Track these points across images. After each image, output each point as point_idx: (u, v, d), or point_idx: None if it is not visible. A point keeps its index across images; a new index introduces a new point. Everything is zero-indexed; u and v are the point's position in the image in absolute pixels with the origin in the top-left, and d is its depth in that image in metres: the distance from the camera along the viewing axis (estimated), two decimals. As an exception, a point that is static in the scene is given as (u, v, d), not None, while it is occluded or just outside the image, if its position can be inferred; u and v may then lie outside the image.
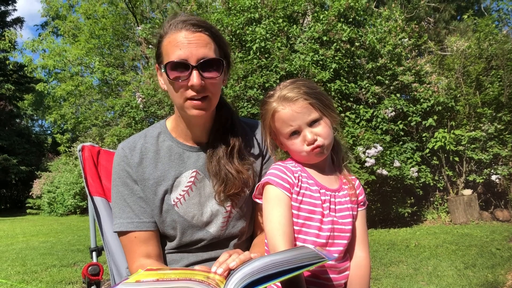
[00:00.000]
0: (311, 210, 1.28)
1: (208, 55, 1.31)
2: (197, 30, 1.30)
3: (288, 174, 1.31)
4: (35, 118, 36.20)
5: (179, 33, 1.30)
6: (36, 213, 19.46)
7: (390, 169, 7.24)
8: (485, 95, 8.41)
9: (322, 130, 1.30)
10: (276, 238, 1.22)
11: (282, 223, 1.24)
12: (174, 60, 1.29)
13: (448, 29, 13.18)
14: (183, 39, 1.29)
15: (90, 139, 15.34)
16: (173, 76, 1.31)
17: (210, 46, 1.32)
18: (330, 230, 1.27)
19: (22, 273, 5.38)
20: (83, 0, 20.65)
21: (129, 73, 16.58)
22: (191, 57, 1.29)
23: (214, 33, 1.35)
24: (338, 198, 1.34)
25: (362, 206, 1.41)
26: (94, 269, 1.61)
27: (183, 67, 1.29)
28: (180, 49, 1.29)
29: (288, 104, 1.29)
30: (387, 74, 8.52)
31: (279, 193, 1.28)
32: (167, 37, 1.33)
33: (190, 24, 1.30)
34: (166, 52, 1.33)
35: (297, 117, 1.29)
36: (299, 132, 1.30)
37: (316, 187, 1.32)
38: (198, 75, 1.29)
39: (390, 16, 9.32)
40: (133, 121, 8.84)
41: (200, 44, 1.30)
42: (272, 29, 8.38)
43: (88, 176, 1.83)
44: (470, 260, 4.78)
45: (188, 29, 1.30)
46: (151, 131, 1.55)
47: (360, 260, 1.36)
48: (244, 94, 7.66)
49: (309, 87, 1.32)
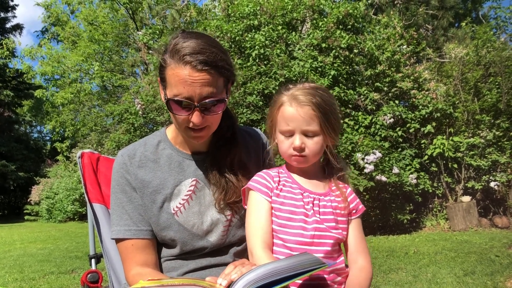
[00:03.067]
0: (292, 211, 1.31)
1: (212, 95, 1.28)
2: (203, 68, 1.25)
3: (267, 179, 1.37)
4: (34, 124, 36.16)
5: (184, 69, 1.25)
6: (34, 220, 19.38)
7: (389, 175, 7.24)
8: (484, 102, 8.44)
9: (313, 145, 1.32)
10: (253, 241, 1.29)
11: (258, 227, 1.30)
12: (176, 99, 1.28)
13: (446, 36, 13.24)
14: (187, 78, 1.25)
15: (89, 145, 15.32)
16: (175, 110, 1.31)
17: (215, 84, 1.28)
18: (314, 229, 1.29)
19: (19, 280, 5.35)
20: (83, 7, 20.74)
21: (129, 79, 16.62)
22: (194, 96, 1.27)
23: (221, 67, 1.29)
24: (323, 201, 1.35)
25: (354, 215, 1.41)
26: (93, 276, 1.61)
27: (186, 104, 1.29)
28: (183, 87, 1.26)
29: (296, 105, 1.30)
30: (385, 81, 8.55)
31: (258, 198, 1.34)
32: (171, 67, 1.28)
33: (196, 61, 1.24)
34: (169, 82, 1.30)
35: (297, 120, 1.30)
36: (292, 134, 1.32)
37: (299, 190, 1.35)
38: (199, 115, 1.29)
39: (389, 23, 9.37)
40: (132, 127, 8.84)
41: (204, 83, 1.26)
42: (271, 36, 8.41)
43: (87, 183, 1.83)
44: (469, 267, 4.77)
45: (194, 66, 1.24)
46: (151, 139, 1.55)
47: (362, 266, 1.36)
48: (244, 101, 7.68)
49: (324, 100, 1.32)
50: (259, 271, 0.94)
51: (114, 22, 18.82)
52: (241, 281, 0.93)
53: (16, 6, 25.73)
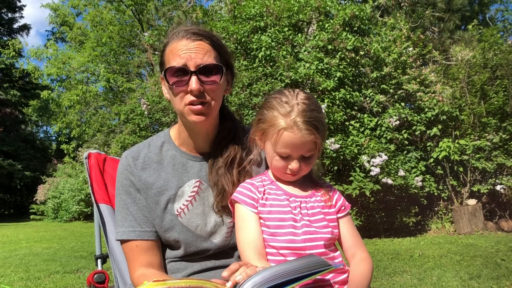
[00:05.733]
0: (280, 218, 1.31)
1: (207, 61, 1.33)
2: (197, 38, 1.33)
3: (252, 190, 1.37)
4: (40, 124, 36.38)
5: (180, 42, 1.33)
6: (39, 219, 19.48)
7: (395, 178, 7.22)
8: (490, 105, 8.39)
9: (309, 165, 1.35)
10: (247, 254, 1.28)
11: (250, 240, 1.30)
12: (173, 66, 1.32)
13: (453, 39, 13.18)
14: (183, 47, 1.32)
15: (95, 144, 15.36)
16: (173, 81, 1.33)
17: (210, 54, 1.34)
18: (305, 233, 1.28)
19: (25, 279, 5.38)
20: (90, 7, 20.83)
21: (135, 80, 16.66)
22: (190, 63, 1.31)
23: (215, 42, 1.37)
24: (310, 203, 1.36)
25: (343, 211, 1.41)
26: (100, 276, 1.62)
27: (182, 72, 1.32)
28: (179, 56, 1.31)
29: (300, 134, 1.26)
30: (391, 83, 8.53)
31: (244, 211, 1.34)
32: (169, 46, 1.36)
33: (190, 33, 1.33)
34: (167, 60, 1.36)
35: (299, 148, 1.29)
36: (290, 157, 1.32)
37: (285, 196, 1.36)
38: (197, 80, 1.31)
39: (395, 25, 9.35)
40: (137, 128, 8.87)
41: (199, 51, 1.32)
42: (278, 37, 8.42)
43: (94, 184, 1.84)
44: (475, 271, 4.74)
45: (189, 37, 1.33)
46: (155, 140, 1.56)
47: (362, 258, 1.36)
48: (249, 102, 7.69)
49: (321, 121, 1.30)
50: (265, 273, 0.94)
51: (120, 24, 18.88)
52: (247, 283, 0.93)
53: (23, 7, 25.99)
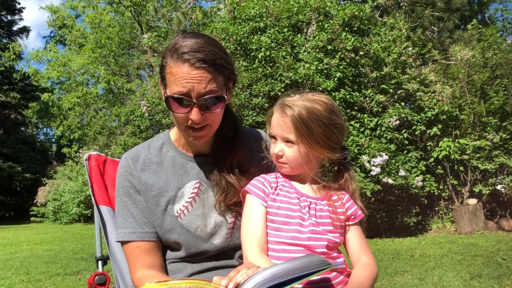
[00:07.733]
0: (288, 215, 1.32)
1: (210, 91, 1.27)
2: (201, 66, 1.24)
3: (265, 184, 1.39)
4: (40, 126, 36.37)
5: (182, 67, 1.25)
6: (40, 221, 19.47)
7: (396, 178, 7.22)
8: (490, 104, 8.40)
9: (290, 153, 1.35)
10: (247, 246, 1.30)
11: (253, 230, 1.32)
12: (174, 94, 1.28)
13: (452, 38, 13.17)
14: (185, 75, 1.25)
15: (96, 146, 15.37)
16: (174, 108, 1.31)
17: (213, 81, 1.27)
18: (311, 232, 1.29)
19: (26, 281, 5.38)
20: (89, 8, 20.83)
21: (134, 82, 16.66)
22: (192, 93, 1.26)
23: (220, 65, 1.29)
24: (319, 205, 1.37)
25: (353, 220, 1.40)
26: (101, 278, 1.62)
27: (184, 102, 1.28)
28: (181, 85, 1.25)
29: (280, 114, 1.34)
30: (391, 82, 8.53)
31: (254, 202, 1.36)
32: (170, 65, 1.28)
33: (195, 59, 1.24)
34: (168, 80, 1.30)
35: (277, 128, 1.35)
36: (275, 139, 1.37)
37: (296, 195, 1.37)
38: (198, 112, 1.28)
39: (395, 25, 9.35)
40: (138, 129, 8.87)
41: (202, 80, 1.25)
42: (277, 38, 8.42)
43: (94, 185, 1.83)
44: (476, 270, 4.74)
45: (192, 64, 1.24)
46: (154, 142, 1.56)
47: (366, 263, 1.35)
48: (249, 103, 7.69)
49: (310, 112, 1.31)
50: (266, 273, 0.94)
51: (120, 25, 18.88)
52: (248, 283, 0.93)
53: (23, 9, 25.96)
